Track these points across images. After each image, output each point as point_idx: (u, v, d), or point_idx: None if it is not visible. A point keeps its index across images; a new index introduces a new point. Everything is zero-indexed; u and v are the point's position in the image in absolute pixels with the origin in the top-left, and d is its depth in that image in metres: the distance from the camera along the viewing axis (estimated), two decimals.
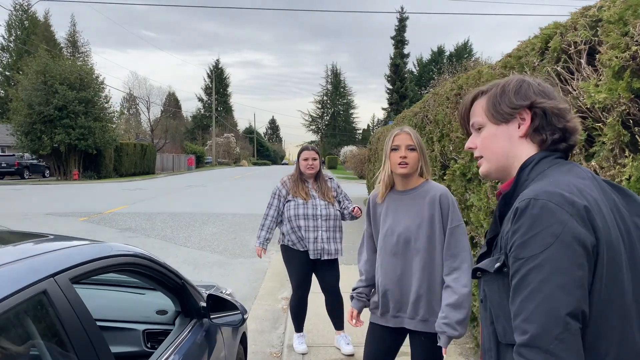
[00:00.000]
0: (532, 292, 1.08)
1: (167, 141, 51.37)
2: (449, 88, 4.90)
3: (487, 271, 1.22)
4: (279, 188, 4.19)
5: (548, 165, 1.25)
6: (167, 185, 26.13)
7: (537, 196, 1.13)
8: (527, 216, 1.11)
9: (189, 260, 8.13)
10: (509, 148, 1.32)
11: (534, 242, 1.09)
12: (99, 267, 1.73)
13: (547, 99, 1.28)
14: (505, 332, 1.20)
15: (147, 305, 2.64)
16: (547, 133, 1.27)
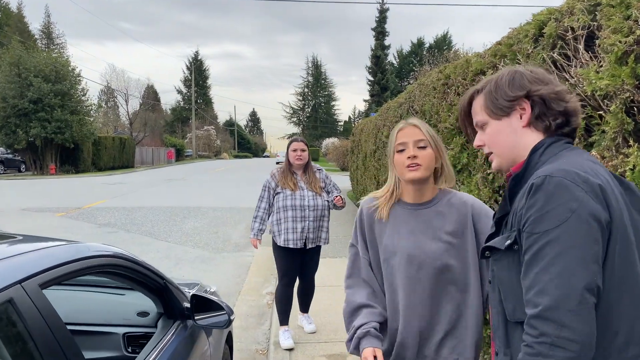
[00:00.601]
0: (547, 265, 1.08)
1: (147, 134, 50.58)
2: (436, 78, 4.80)
3: (497, 249, 1.23)
4: (269, 181, 4.28)
5: (559, 149, 1.26)
6: (146, 179, 25.73)
7: (553, 174, 1.14)
8: (543, 192, 1.12)
9: (171, 255, 7.96)
10: (515, 140, 1.32)
11: (550, 217, 1.10)
12: (73, 270, 1.59)
13: (543, 85, 1.28)
14: (515, 310, 1.20)
15: (127, 307, 2.50)
16: (550, 119, 1.28)
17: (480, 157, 3.35)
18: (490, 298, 1.33)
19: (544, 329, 1.06)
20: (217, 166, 42.22)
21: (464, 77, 3.89)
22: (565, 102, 1.27)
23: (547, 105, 1.27)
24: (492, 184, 3.19)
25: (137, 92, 54.68)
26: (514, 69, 1.34)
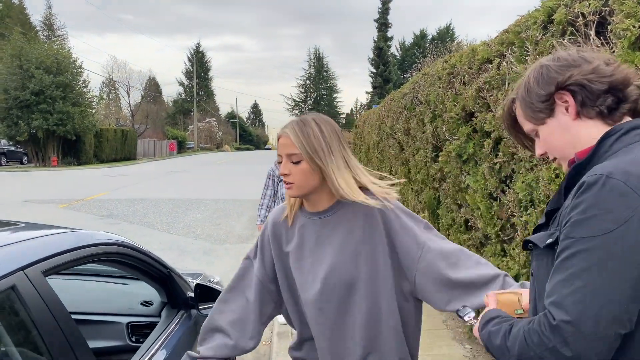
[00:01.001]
0: (571, 276, 0.95)
1: (148, 126, 50.52)
2: (441, 67, 4.76)
3: (535, 244, 1.12)
4: (273, 169, 4.42)
5: (638, 139, 1.05)
6: (149, 171, 25.72)
7: (612, 174, 0.96)
8: (593, 193, 0.96)
9: (174, 247, 7.95)
10: (571, 137, 1.16)
11: (592, 224, 0.95)
12: (76, 258, 1.57)
13: (574, 69, 1.12)
14: None
15: (131, 297, 2.48)
16: (598, 102, 1.11)
17: (486, 146, 3.31)
18: (531, 290, 1.21)
19: (549, 335, 0.96)
20: (219, 158, 42.19)
21: (470, 67, 3.85)
22: (608, 77, 1.09)
23: (588, 89, 1.11)
24: (499, 174, 3.15)
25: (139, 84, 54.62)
26: (538, 64, 1.20)
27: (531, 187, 2.70)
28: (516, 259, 2.87)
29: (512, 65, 3.03)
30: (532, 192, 2.70)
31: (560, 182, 2.14)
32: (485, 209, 3.26)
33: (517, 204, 2.85)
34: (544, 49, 2.62)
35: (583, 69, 1.11)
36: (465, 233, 3.86)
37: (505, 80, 3.12)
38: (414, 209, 5.69)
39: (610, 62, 1.12)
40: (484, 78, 3.41)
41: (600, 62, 1.11)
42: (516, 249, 2.89)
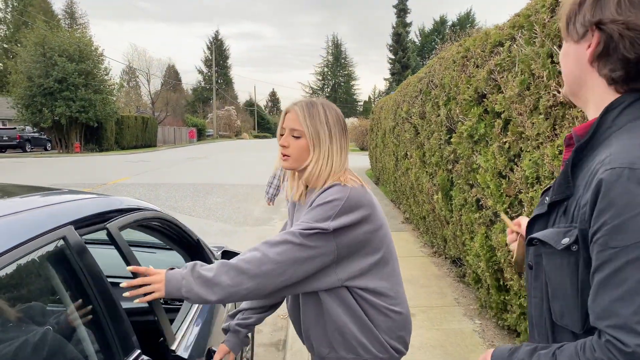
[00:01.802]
0: (630, 292, 0.84)
1: (168, 114, 51.11)
2: (456, 51, 4.85)
3: (549, 244, 1.00)
4: None
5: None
6: (169, 158, 26.14)
7: (634, 164, 0.86)
8: (621, 191, 0.85)
9: (195, 228, 8.10)
10: (578, 73, 1.04)
11: (633, 226, 0.84)
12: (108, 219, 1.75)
13: (629, 14, 0.93)
14: (563, 314, 1.01)
15: (159, 263, 2.67)
16: (609, 67, 0.97)
17: (496, 127, 3.42)
18: (531, 285, 1.12)
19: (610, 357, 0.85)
20: (237, 146, 42.57)
21: (482, 50, 3.94)
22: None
23: (614, 44, 0.94)
24: (508, 153, 3.27)
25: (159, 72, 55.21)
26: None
27: (537, 165, 2.82)
28: None
29: (521, 47, 3.13)
30: (538, 169, 2.81)
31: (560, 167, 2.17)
32: (495, 187, 3.38)
33: (524, 181, 2.97)
34: (550, 31, 2.72)
35: (635, 24, 0.93)
36: (476, 212, 3.99)
37: (515, 62, 3.22)
38: (427, 191, 5.81)
39: None
40: (496, 60, 3.51)
41: None
42: None
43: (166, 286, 1.51)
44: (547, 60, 2.74)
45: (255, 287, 1.48)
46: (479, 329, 4.05)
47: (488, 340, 3.87)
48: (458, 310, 4.45)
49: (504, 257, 3.36)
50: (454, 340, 3.83)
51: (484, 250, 3.69)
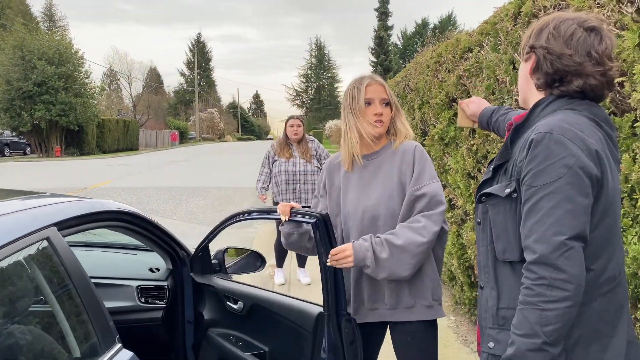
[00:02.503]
0: (543, 216, 1.21)
1: (150, 117, 50.76)
2: (429, 56, 5.00)
3: (495, 195, 1.36)
4: (269, 150, 5.21)
5: (560, 106, 1.34)
6: (151, 161, 26.01)
7: (553, 130, 1.24)
8: (543, 147, 1.23)
9: (177, 231, 8.10)
10: (525, 84, 1.45)
11: (548, 172, 1.22)
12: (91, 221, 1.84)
13: (553, 42, 1.32)
14: (505, 250, 1.35)
15: (139, 264, 2.76)
16: (536, 76, 1.38)
17: (465, 130, 3.57)
18: (479, 237, 1.47)
19: (542, 273, 1.19)
20: (220, 149, 42.44)
21: (453, 55, 4.10)
22: (564, 65, 1.31)
23: (540, 63, 1.35)
24: (476, 155, 3.42)
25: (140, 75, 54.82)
26: (550, 19, 1.38)
27: None
28: None
29: (488, 54, 3.29)
30: None
31: None
32: (464, 187, 3.53)
33: None
34: (512, 39, 2.87)
35: (554, 46, 1.32)
36: (449, 211, 4.14)
37: (482, 68, 3.37)
38: None
39: (581, 56, 1.29)
40: (465, 66, 3.67)
41: (572, 53, 1.30)
42: None
43: (355, 257, 1.87)
44: (509, 66, 2.89)
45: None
46: (453, 325, 4.20)
47: (462, 335, 4.01)
48: None
49: (474, 254, 3.51)
50: None
51: (455, 248, 3.84)
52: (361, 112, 1.99)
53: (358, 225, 2.01)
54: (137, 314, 2.55)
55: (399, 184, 1.98)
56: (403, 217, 1.95)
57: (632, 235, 1.87)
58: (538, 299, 1.20)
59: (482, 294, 1.47)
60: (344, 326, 1.94)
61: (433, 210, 1.91)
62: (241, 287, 2.48)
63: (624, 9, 1.93)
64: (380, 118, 2.00)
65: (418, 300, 1.98)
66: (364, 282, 2.03)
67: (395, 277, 1.90)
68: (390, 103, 2.05)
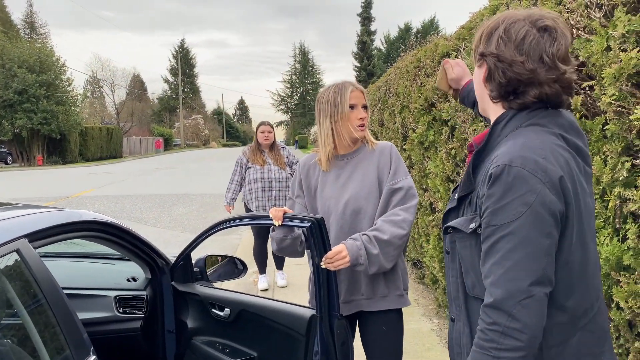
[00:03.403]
0: (501, 258, 1.12)
1: (134, 124, 50.44)
2: (409, 61, 5.04)
3: (461, 230, 1.25)
4: (241, 157, 5.16)
5: (522, 121, 1.21)
6: (135, 168, 25.79)
7: (512, 162, 1.12)
8: (501, 183, 1.12)
9: (160, 240, 8.16)
10: (481, 91, 1.31)
11: (507, 210, 1.11)
12: (66, 231, 1.82)
13: (503, 47, 1.19)
14: (474, 286, 1.25)
15: (117, 274, 2.73)
16: (489, 87, 1.25)
17: (444, 134, 3.60)
18: (449, 267, 1.37)
19: (495, 319, 1.11)
20: (205, 155, 42.24)
21: (432, 60, 4.13)
22: (516, 74, 1.18)
23: (491, 72, 1.22)
24: (454, 158, 3.45)
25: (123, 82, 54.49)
26: (502, 18, 1.24)
27: None
28: None
29: (464, 59, 3.32)
30: None
31: None
32: (444, 191, 3.56)
33: None
34: None
35: (504, 53, 1.19)
36: (430, 215, 4.16)
37: None
38: None
39: (534, 62, 1.16)
40: None
41: (524, 59, 1.17)
42: None
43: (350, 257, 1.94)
44: None
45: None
46: (436, 328, 4.21)
47: (444, 338, 4.03)
48: (417, 311, 4.61)
49: None
50: (412, 340, 3.97)
51: (437, 251, 3.85)
52: (346, 117, 2.10)
53: (339, 219, 2.11)
54: (115, 324, 2.52)
55: (377, 180, 2.12)
56: (382, 209, 2.08)
57: (605, 237, 1.90)
58: (490, 345, 1.13)
59: (452, 327, 1.39)
60: (336, 327, 1.98)
61: (408, 203, 2.07)
62: (227, 293, 2.47)
63: (592, 13, 1.96)
64: (363, 122, 2.13)
65: (392, 290, 2.13)
66: (342, 276, 2.12)
67: (382, 270, 2.03)
68: (367, 107, 2.17)
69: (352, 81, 2.20)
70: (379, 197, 2.11)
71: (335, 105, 2.12)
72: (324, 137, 2.16)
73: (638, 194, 1.70)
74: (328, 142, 2.15)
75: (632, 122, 1.70)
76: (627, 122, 1.76)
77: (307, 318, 2.06)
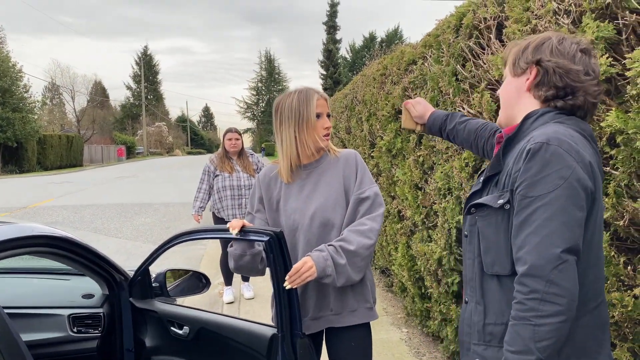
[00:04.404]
0: (538, 227, 1.19)
1: (95, 132, 49.17)
2: (375, 69, 5.02)
3: (486, 206, 1.33)
4: (208, 165, 4.98)
5: (550, 119, 1.33)
6: (96, 177, 25.08)
7: (549, 141, 1.22)
8: (539, 158, 1.21)
9: (121, 250, 7.90)
10: (516, 98, 1.42)
11: (544, 183, 1.20)
12: (16, 247, 1.68)
13: (559, 58, 1.33)
14: (494, 263, 1.32)
15: (72, 291, 2.57)
16: (544, 89, 1.35)
17: (411, 141, 3.57)
18: (466, 250, 1.43)
19: (534, 286, 1.16)
20: (169, 163, 41.50)
21: (398, 68, 4.11)
22: (572, 80, 1.31)
23: (549, 76, 1.33)
24: (422, 166, 3.41)
25: (84, 89, 53.08)
26: (549, 35, 1.39)
27: (448, 177, 2.96)
28: (438, 242, 3.13)
29: (431, 66, 3.30)
30: (449, 180, 2.96)
31: (471, 168, 2.40)
32: (412, 198, 3.52)
33: (437, 192, 3.12)
34: (455, 50, 2.89)
35: (561, 62, 1.33)
36: (398, 223, 4.12)
37: (426, 80, 3.38)
38: None
39: (587, 75, 1.32)
40: (410, 78, 3.67)
41: (581, 70, 1.32)
42: (438, 234, 3.15)
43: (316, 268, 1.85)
44: (452, 78, 2.90)
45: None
46: (405, 337, 4.16)
47: (414, 347, 3.98)
48: (386, 320, 4.55)
49: (424, 265, 3.50)
50: (382, 350, 3.91)
51: (405, 259, 3.81)
52: (312, 126, 2.02)
53: (306, 233, 2.01)
54: (69, 345, 2.36)
55: (343, 190, 2.04)
56: (349, 218, 2.00)
57: None
58: (530, 314, 1.16)
59: (465, 308, 1.44)
60: (299, 346, 1.89)
61: (375, 212, 2.00)
62: (186, 310, 2.34)
63: (561, 20, 1.95)
64: (328, 131, 2.07)
65: (361, 303, 2.05)
66: (310, 291, 2.03)
67: (351, 282, 1.95)
68: (330, 116, 2.11)
69: (315, 88, 2.11)
70: (345, 207, 2.03)
71: (301, 113, 2.02)
72: (286, 146, 2.05)
73: (610, 201, 1.68)
74: (291, 151, 2.04)
75: (602, 129, 1.68)
76: (598, 129, 1.74)
77: (268, 337, 1.96)
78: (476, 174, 2.61)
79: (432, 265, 3.24)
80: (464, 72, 2.75)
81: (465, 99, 2.75)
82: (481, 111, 2.51)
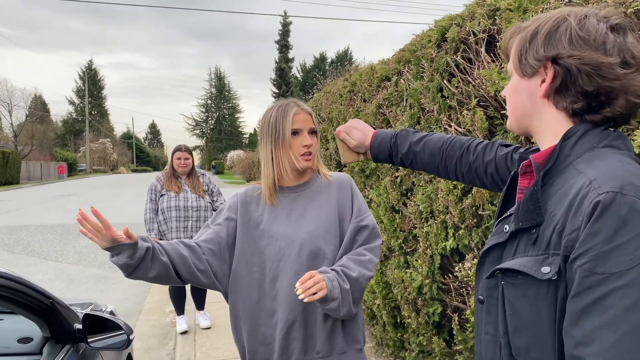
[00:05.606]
0: (614, 320, 0.81)
1: (34, 148, 46.78)
2: (342, 85, 4.84)
3: (521, 273, 0.95)
4: (154, 184, 4.65)
5: (597, 142, 0.96)
6: (34, 196, 23.69)
7: (623, 189, 0.84)
8: (612, 216, 0.83)
9: (62, 276, 7.30)
10: (531, 109, 1.04)
11: (620, 254, 0.82)
12: None
13: (584, 50, 0.94)
14: (529, 348, 0.96)
15: (6, 333, 2.18)
16: (569, 99, 0.98)
17: None
18: (481, 320, 1.08)
19: None
20: (113, 181, 39.95)
21: (369, 84, 3.94)
22: (606, 80, 0.94)
23: (572, 77, 0.96)
24: (400, 187, 3.22)
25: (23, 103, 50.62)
26: (565, 14, 0.98)
27: (431, 199, 2.77)
28: (419, 269, 2.93)
29: (409, 81, 3.13)
30: (431, 203, 2.77)
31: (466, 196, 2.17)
32: (388, 221, 3.31)
33: (418, 215, 2.92)
34: (439, 65, 2.72)
35: (589, 57, 0.94)
36: None
37: (403, 97, 3.20)
38: None
39: (627, 67, 0.94)
40: (384, 95, 3.50)
41: (617, 61, 0.94)
42: (419, 260, 2.94)
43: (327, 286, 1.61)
44: (437, 94, 2.73)
45: None
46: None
47: None
48: None
49: (400, 293, 3.28)
50: None
51: (380, 287, 3.59)
52: (287, 143, 1.77)
53: (294, 263, 1.75)
54: None
55: (337, 217, 1.81)
56: (345, 247, 1.79)
57: None
58: None
59: None
60: None
61: (373, 242, 1.81)
62: None
63: None
64: (309, 150, 1.79)
65: (350, 344, 1.82)
66: (296, 332, 1.76)
67: (349, 316, 1.74)
68: (316, 132, 1.85)
69: (298, 101, 1.84)
70: (339, 237, 1.79)
71: (277, 129, 1.78)
72: (263, 165, 1.84)
73: None
74: (268, 171, 1.82)
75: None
76: None
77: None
78: (465, 197, 2.43)
79: (411, 294, 3.03)
80: (451, 88, 2.58)
81: (453, 115, 2.58)
82: (473, 129, 2.34)
